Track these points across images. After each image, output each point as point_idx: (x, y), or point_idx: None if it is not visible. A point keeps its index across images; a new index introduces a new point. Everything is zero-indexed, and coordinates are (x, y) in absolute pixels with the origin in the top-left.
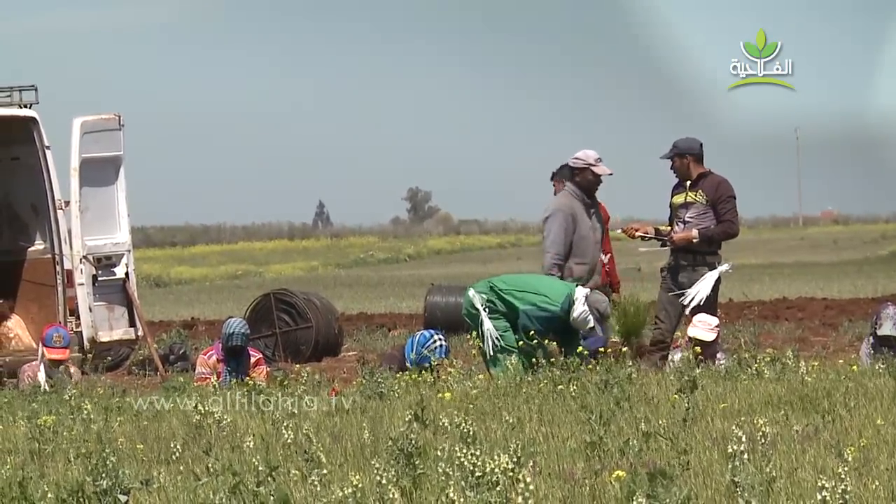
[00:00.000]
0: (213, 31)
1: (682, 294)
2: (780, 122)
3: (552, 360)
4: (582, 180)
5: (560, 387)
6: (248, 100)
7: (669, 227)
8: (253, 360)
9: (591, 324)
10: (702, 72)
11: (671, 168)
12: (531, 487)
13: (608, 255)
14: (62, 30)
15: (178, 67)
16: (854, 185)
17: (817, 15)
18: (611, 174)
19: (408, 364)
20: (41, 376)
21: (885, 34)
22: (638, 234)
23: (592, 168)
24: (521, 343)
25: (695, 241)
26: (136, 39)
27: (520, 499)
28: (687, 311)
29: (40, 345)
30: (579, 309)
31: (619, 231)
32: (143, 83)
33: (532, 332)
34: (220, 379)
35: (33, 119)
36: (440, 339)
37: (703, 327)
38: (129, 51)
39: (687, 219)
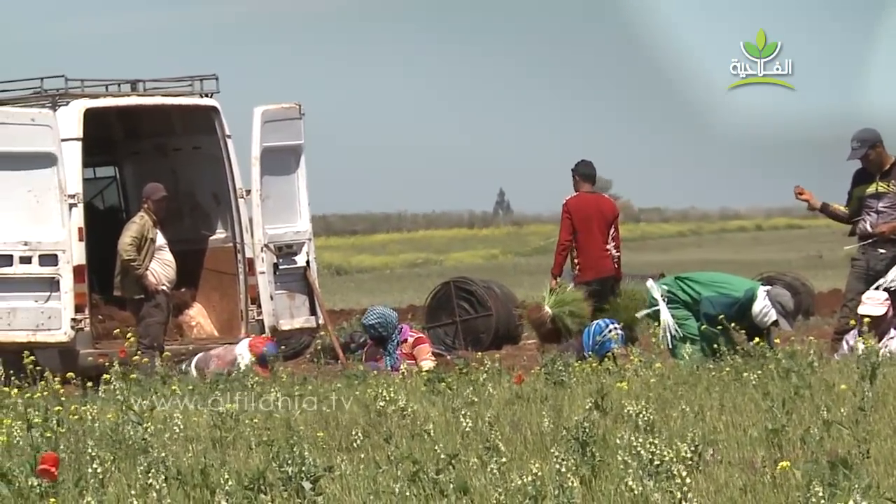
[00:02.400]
0: (392, 18)
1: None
2: (780, 122)
3: (737, 347)
4: None
5: (745, 374)
6: (429, 87)
7: (844, 207)
8: (412, 339)
9: (774, 318)
10: (702, 72)
11: (864, 161)
12: (688, 481)
13: (617, 249)
14: (244, 18)
15: (358, 55)
16: None
17: (817, 15)
18: None
19: (586, 353)
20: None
21: (885, 34)
22: (804, 197)
23: None
24: (703, 327)
25: None
26: (318, 28)
27: (679, 493)
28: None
29: (243, 346)
30: (760, 304)
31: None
32: (323, 71)
33: (721, 315)
34: (381, 363)
35: (214, 108)
36: (616, 328)
37: (873, 303)
38: (309, 39)
39: (880, 208)
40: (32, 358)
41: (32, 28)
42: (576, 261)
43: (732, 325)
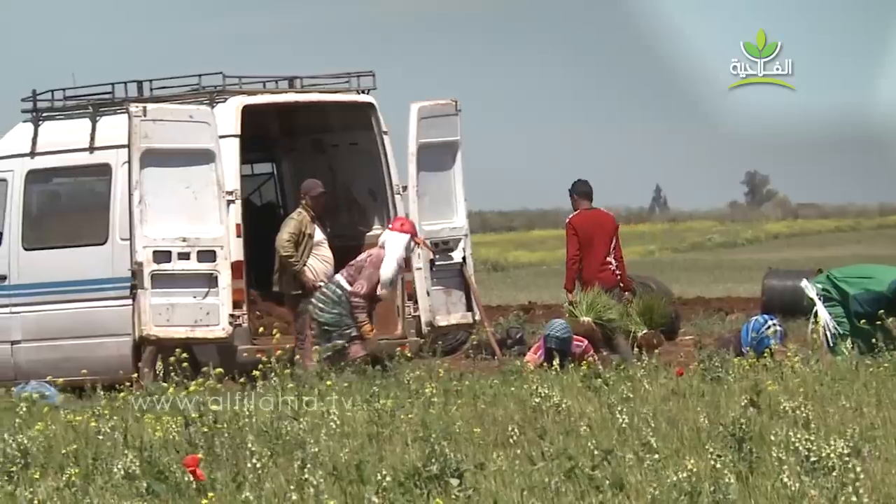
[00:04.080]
0: (548, 16)
1: None
2: (780, 122)
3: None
4: None
5: None
6: (586, 84)
7: None
8: (580, 349)
9: None
10: (702, 72)
11: None
12: (861, 476)
13: (618, 261)
14: (402, 16)
15: (515, 53)
16: None
17: (817, 15)
18: None
19: (744, 349)
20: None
21: (885, 34)
22: None
23: None
24: (862, 323)
25: None
26: (476, 25)
27: (850, 488)
28: None
29: (392, 238)
30: None
31: None
32: (481, 68)
33: (870, 313)
34: None
35: (371, 105)
36: (775, 324)
37: None
38: (465, 36)
39: None
40: (186, 355)
41: (191, 26)
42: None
43: (891, 318)
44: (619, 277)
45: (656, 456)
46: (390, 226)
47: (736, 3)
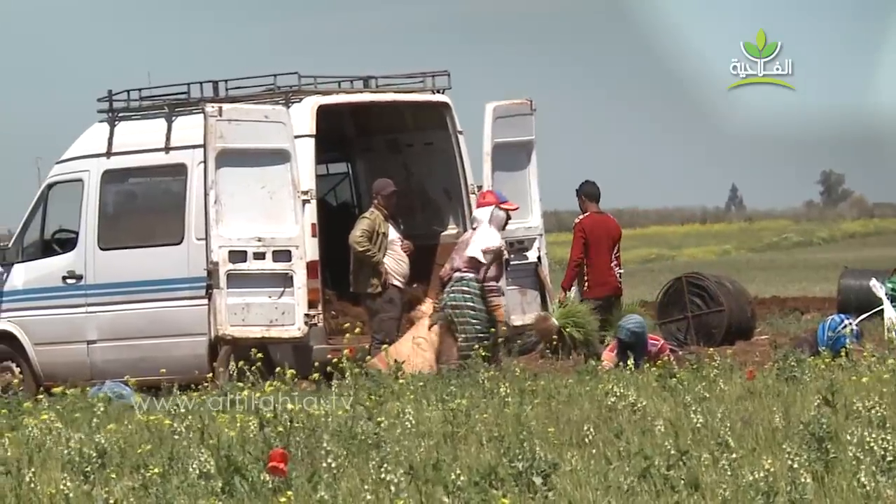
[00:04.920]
0: (620, 14)
1: None
2: (780, 122)
3: None
4: None
5: None
6: (657, 83)
7: None
8: (655, 348)
9: None
10: (702, 72)
11: None
12: None
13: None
14: (476, 14)
15: (589, 51)
16: None
17: (817, 15)
18: None
19: (820, 348)
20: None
21: (885, 34)
22: None
23: None
24: None
25: None
26: (548, 24)
27: None
28: None
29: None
30: None
31: None
32: (554, 67)
33: None
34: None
35: (446, 104)
36: (851, 324)
37: None
38: (541, 35)
39: None
40: (261, 355)
41: (267, 26)
42: (585, 278)
43: None
44: (619, 284)
45: (733, 456)
46: (483, 199)
47: (736, 3)
